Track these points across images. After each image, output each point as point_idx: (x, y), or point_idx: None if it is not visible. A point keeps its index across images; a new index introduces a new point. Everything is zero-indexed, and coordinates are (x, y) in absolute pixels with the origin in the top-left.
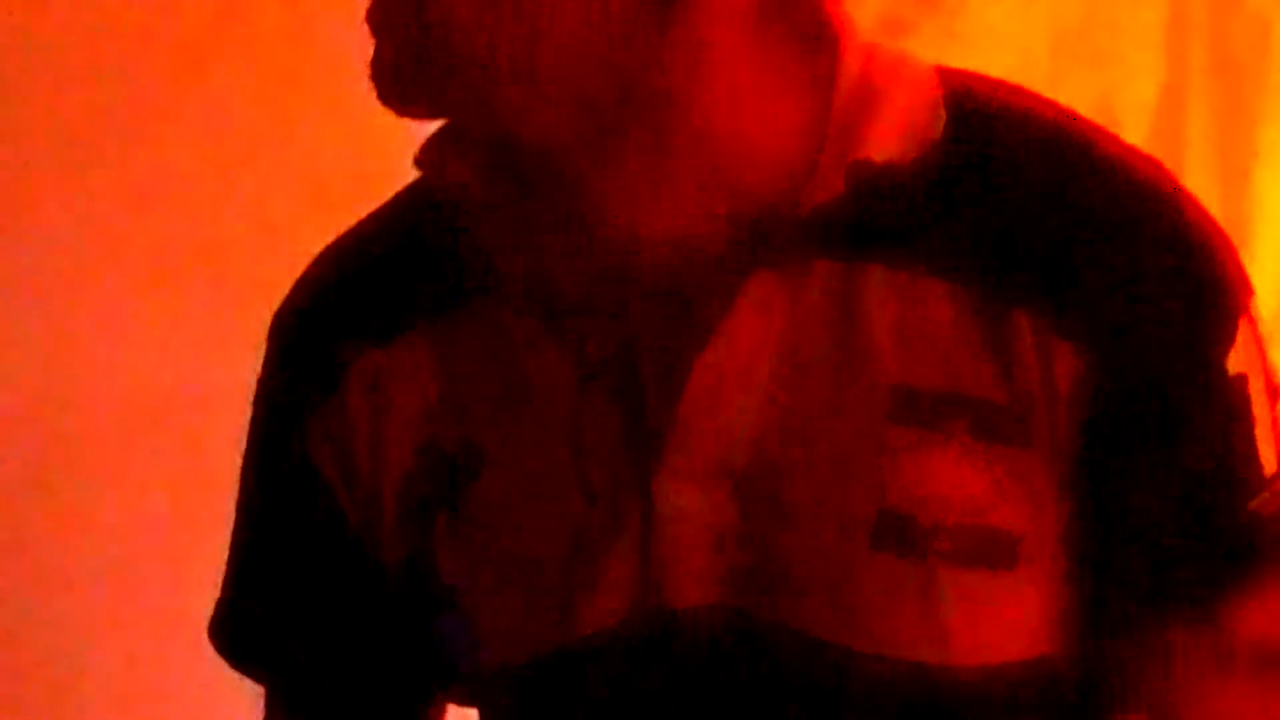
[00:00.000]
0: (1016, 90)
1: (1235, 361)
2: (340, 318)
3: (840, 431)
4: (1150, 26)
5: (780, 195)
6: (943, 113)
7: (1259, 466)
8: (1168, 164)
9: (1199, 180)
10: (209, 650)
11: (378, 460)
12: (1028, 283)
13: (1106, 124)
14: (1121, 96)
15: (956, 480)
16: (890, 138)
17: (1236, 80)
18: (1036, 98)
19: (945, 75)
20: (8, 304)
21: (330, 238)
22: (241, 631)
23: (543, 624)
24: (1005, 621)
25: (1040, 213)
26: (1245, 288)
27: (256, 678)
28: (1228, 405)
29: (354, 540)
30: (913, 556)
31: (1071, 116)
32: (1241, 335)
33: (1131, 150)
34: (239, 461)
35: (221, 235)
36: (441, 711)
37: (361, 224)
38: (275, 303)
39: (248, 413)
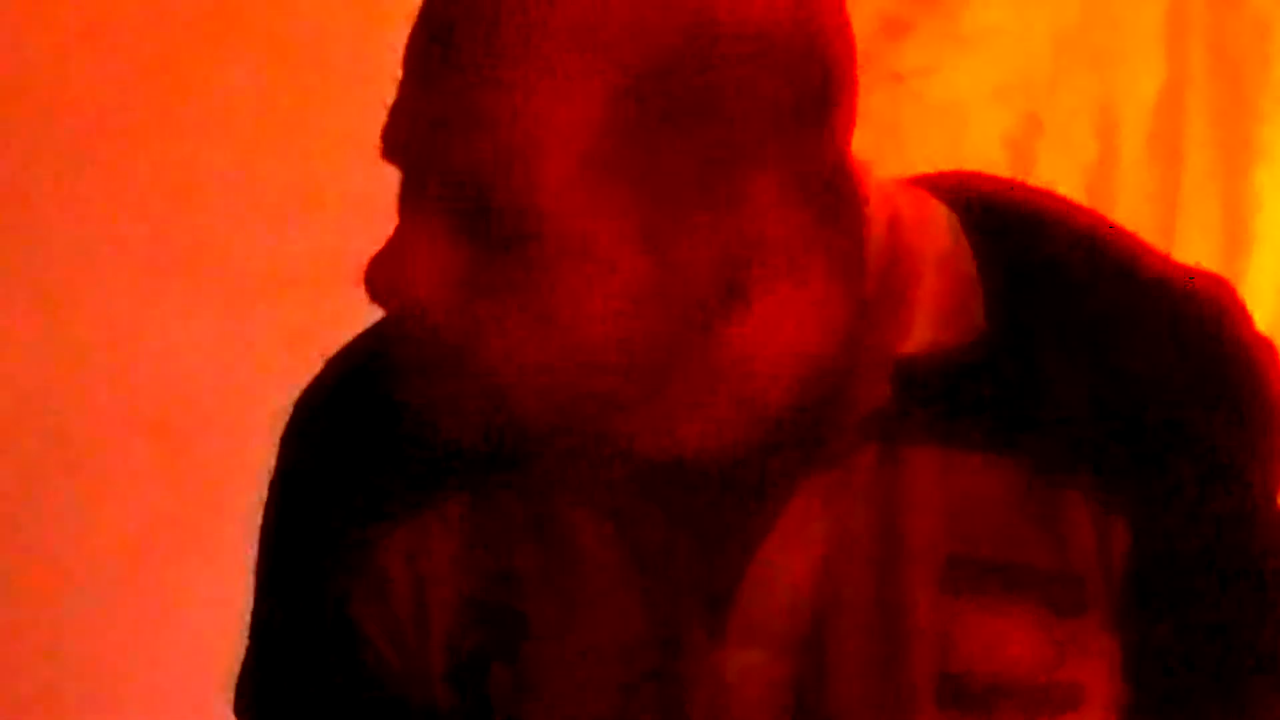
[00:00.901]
0: (1013, 192)
1: None
2: (370, 483)
3: (896, 598)
4: (1150, 26)
5: (822, 395)
6: (979, 290)
7: None
8: (1168, 164)
9: (1199, 180)
10: (209, 651)
11: (421, 620)
12: (1078, 459)
13: (1106, 124)
14: (1121, 96)
15: (1017, 646)
16: (930, 327)
17: (1236, 80)
18: (1064, 212)
19: (939, 189)
20: (8, 304)
21: (331, 237)
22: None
23: None
24: None
25: (1082, 380)
26: None
27: None
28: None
29: (396, 685)
30: (978, 712)
31: (1108, 235)
32: None
33: (1166, 265)
34: (239, 461)
35: (222, 235)
36: None
37: (361, 364)
38: (275, 303)
39: (248, 412)
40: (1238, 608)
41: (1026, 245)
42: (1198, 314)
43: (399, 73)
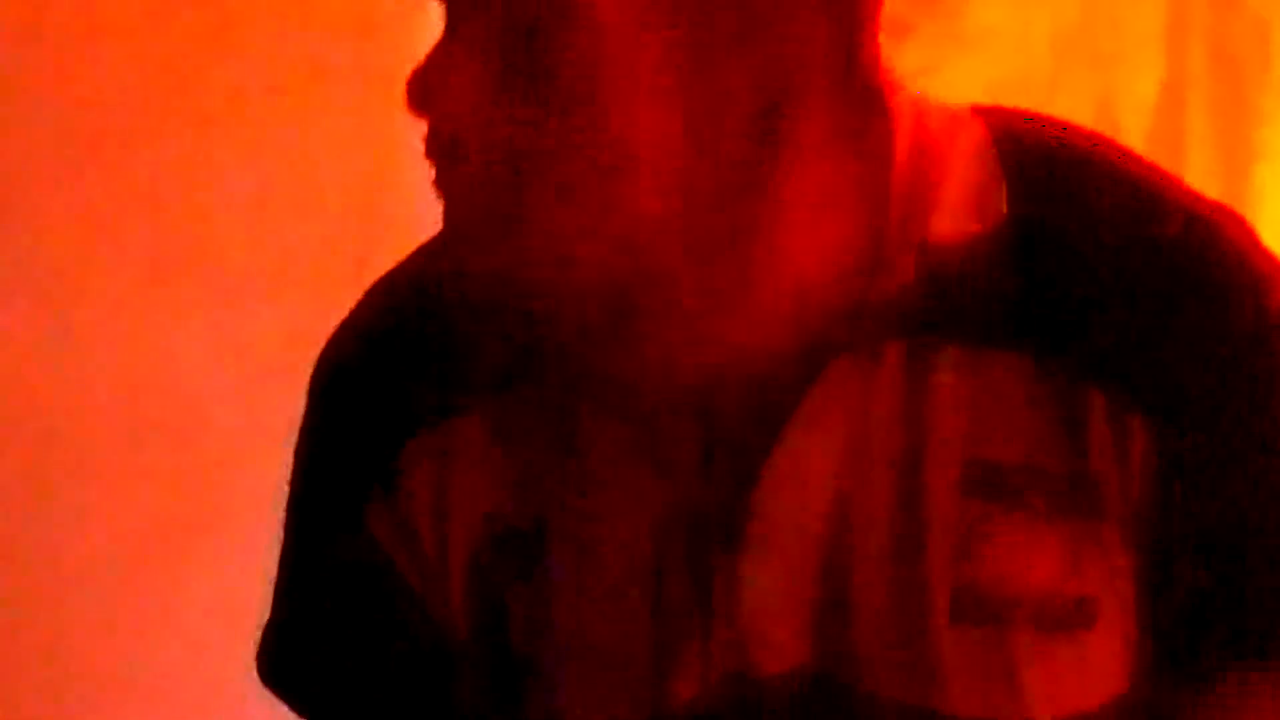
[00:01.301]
0: (1052, 124)
1: None
2: (394, 397)
3: (914, 506)
4: (1150, 26)
5: (850, 283)
6: (1002, 181)
7: None
8: (1168, 164)
9: (1199, 180)
10: (208, 651)
11: (442, 536)
12: (1100, 355)
13: (1106, 124)
14: (1121, 96)
15: (1032, 553)
16: (954, 216)
17: (1236, 80)
18: (1077, 134)
19: (991, 125)
20: (8, 304)
21: (330, 237)
22: (293, 668)
23: (628, 697)
24: (1083, 676)
25: (1106, 279)
26: None
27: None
28: None
29: (417, 611)
30: (991, 626)
31: (1121, 157)
32: None
33: (1189, 193)
34: (239, 461)
35: (222, 235)
36: None
37: (398, 286)
38: (275, 302)
39: (248, 412)
40: (1258, 517)
41: (1050, 152)
42: (1225, 226)
43: (400, 73)
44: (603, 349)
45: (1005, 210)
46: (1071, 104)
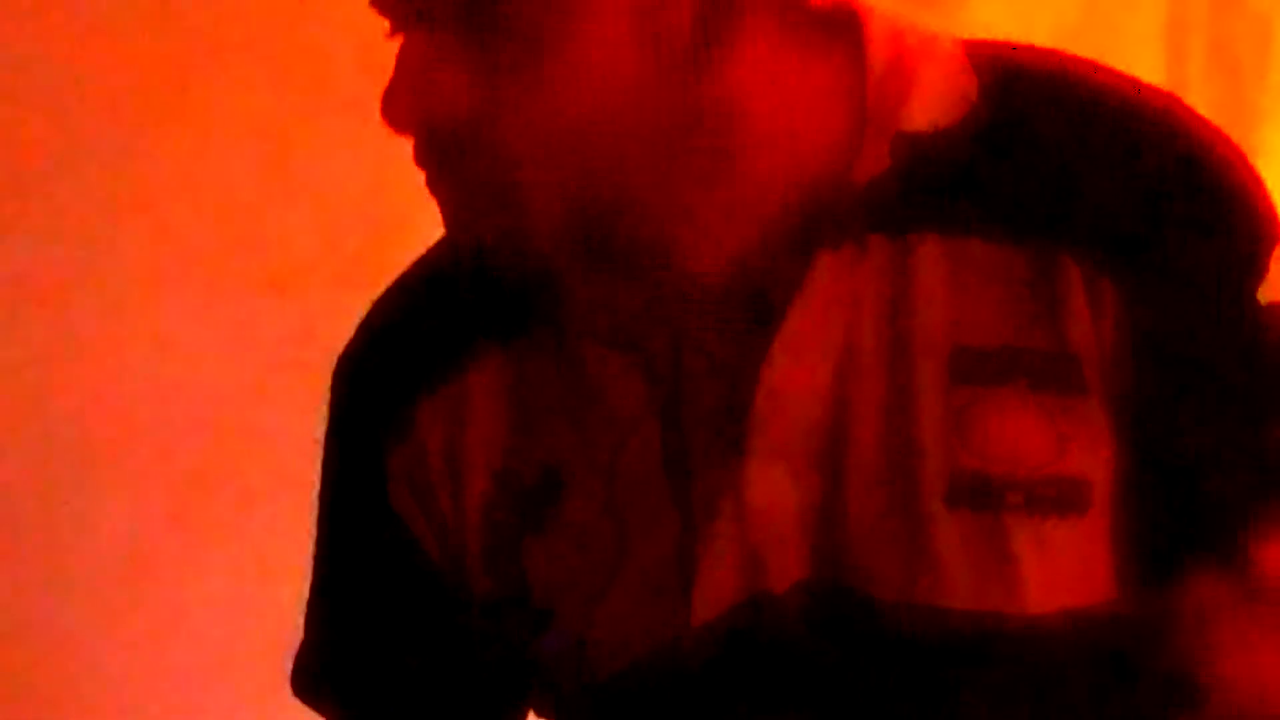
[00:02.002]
0: (1029, 47)
1: (1269, 290)
2: (407, 358)
3: (906, 398)
4: (1150, 26)
5: (831, 179)
6: (973, 76)
7: None
8: None
9: None
10: (209, 651)
11: (458, 495)
12: (1072, 230)
13: None
14: None
15: (1022, 433)
16: (928, 106)
17: (1236, 80)
18: (1049, 52)
19: (969, 46)
20: (9, 304)
21: (330, 237)
22: (328, 672)
23: (649, 629)
24: (1077, 566)
25: (1074, 161)
26: (1274, 219)
27: (334, 716)
28: (1263, 332)
29: (438, 578)
30: (988, 511)
31: (1088, 65)
32: (1275, 265)
33: (1150, 88)
34: (240, 461)
35: (223, 235)
36: None
37: (419, 263)
38: (276, 302)
39: (249, 412)
40: (1228, 390)
41: (1017, 54)
42: (1178, 114)
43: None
44: (591, 278)
45: (975, 99)
46: None
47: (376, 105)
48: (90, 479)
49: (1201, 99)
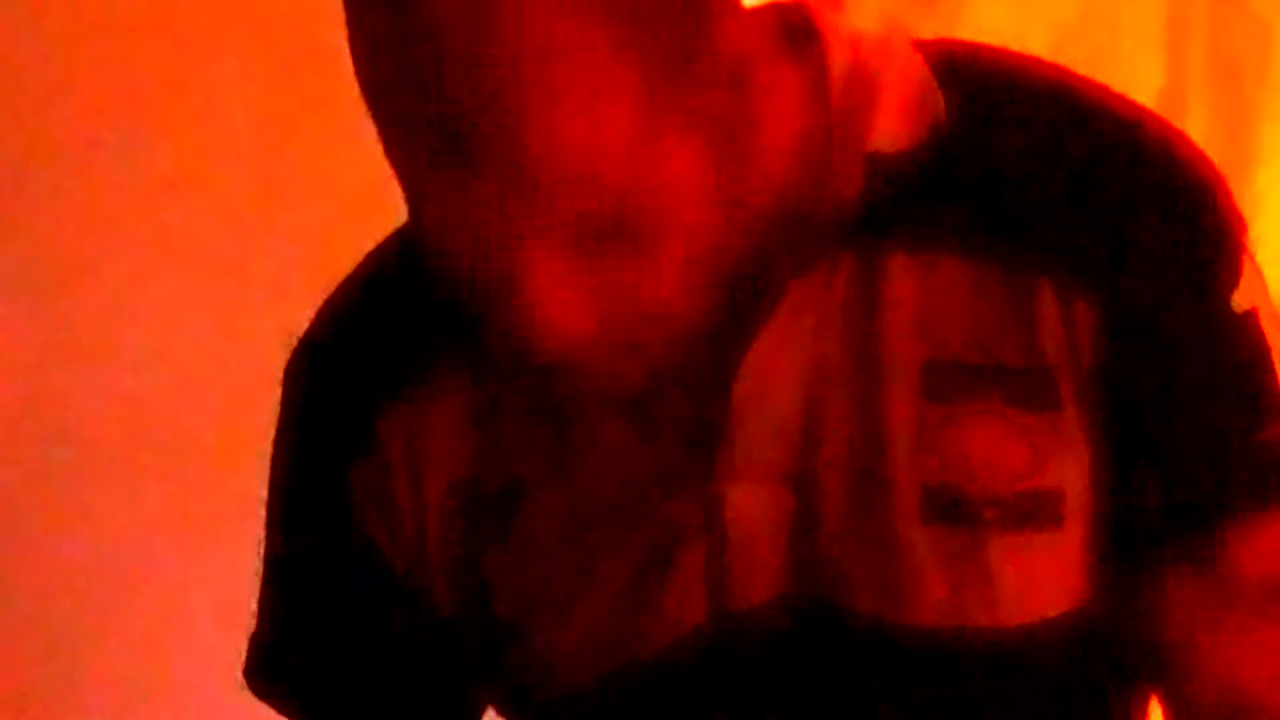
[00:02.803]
0: (989, 49)
1: (1242, 298)
2: (367, 368)
3: (878, 414)
4: (1150, 26)
5: (800, 203)
6: (938, 92)
7: (1273, 398)
8: None
9: None
10: (208, 651)
11: (418, 505)
12: (1043, 247)
13: None
14: None
15: (997, 449)
16: (895, 125)
17: (1236, 80)
18: (1012, 55)
19: (926, 49)
20: (8, 304)
21: (330, 238)
22: (284, 672)
23: (617, 642)
24: (1053, 578)
25: (1043, 176)
26: (1242, 225)
27: (292, 715)
28: (1238, 341)
29: (398, 586)
30: (963, 526)
31: (1054, 70)
32: (1245, 271)
33: (1118, 99)
34: (239, 461)
35: (222, 234)
36: None
37: (371, 263)
38: (276, 302)
39: (248, 412)
40: (1206, 398)
41: (981, 63)
42: (1144, 120)
43: None
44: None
45: (943, 117)
46: None
47: None
48: (90, 479)
49: (1201, 99)
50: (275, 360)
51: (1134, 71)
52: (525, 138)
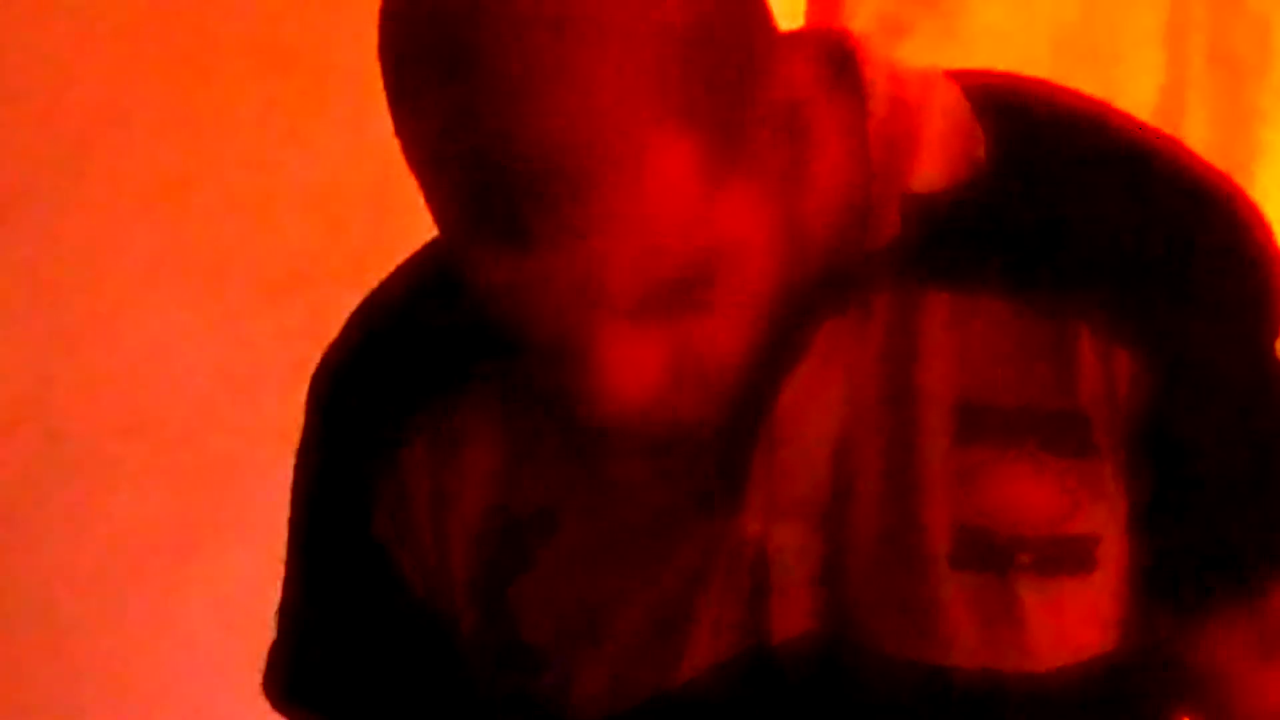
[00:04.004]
0: (1026, 82)
1: None
2: (399, 380)
3: (910, 456)
4: (1150, 26)
5: (840, 243)
6: (979, 131)
7: None
8: None
9: None
10: (208, 652)
11: (441, 528)
12: (1084, 293)
13: None
14: (1121, 96)
15: (1030, 494)
16: (935, 167)
17: (1236, 80)
18: (1049, 87)
19: (964, 82)
20: (8, 304)
21: (331, 237)
22: (303, 687)
23: (643, 673)
24: (1084, 623)
25: (1088, 220)
26: None
27: None
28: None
29: (420, 608)
30: (993, 571)
31: (1094, 105)
32: None
33: (1158, 135)
34: (239, 461)
35: (222, 235)
36: None
37: (397, 283)
38: (276, 302)
39: (247, 412)
40: (1240, 451)
41: (1022, 102)
42: (1188, 164)
43: None
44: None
45: (983, 157)
46: None
47: (377, 106)
48: (90, 479)
49: (1201, 99)
50: (275, 360)
51: (1134, 71)
52: (592, 210)
